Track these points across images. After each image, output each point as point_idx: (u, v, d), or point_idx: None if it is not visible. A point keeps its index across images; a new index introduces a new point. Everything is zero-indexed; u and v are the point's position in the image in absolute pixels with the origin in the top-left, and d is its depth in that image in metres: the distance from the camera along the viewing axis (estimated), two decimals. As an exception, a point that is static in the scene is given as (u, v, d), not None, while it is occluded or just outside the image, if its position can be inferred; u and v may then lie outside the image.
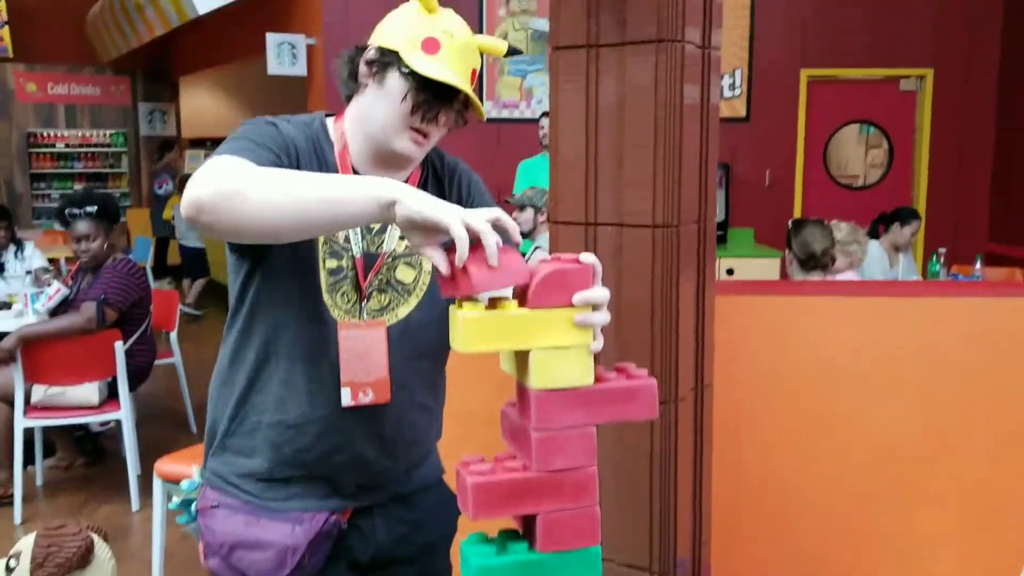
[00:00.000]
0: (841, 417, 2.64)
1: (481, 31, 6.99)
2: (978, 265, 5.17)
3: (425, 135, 1.46)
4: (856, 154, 8.35)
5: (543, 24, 6.98)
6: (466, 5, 6.93)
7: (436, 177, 1.61)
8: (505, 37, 7.00)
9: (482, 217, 1.09)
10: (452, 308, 1.11)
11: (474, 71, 1.48)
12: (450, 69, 1.42)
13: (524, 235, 4.20)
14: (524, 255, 4.14)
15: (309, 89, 7.46)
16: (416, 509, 1.61)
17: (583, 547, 1.11)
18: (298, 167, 1.42)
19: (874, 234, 5.40)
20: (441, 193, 1.59)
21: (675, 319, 2.06)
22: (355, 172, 1.49)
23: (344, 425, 1.47)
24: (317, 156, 1.48)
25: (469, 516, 1.08)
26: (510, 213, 4.24)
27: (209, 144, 11.92)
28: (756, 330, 2.63)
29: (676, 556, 2.09)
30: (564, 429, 1.08)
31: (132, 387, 4.07)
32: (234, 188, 1.20)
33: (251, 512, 1.49)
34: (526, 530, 1.13)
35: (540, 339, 1.08)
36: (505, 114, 7.09)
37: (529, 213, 4.11)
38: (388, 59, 1.43)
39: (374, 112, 1.46)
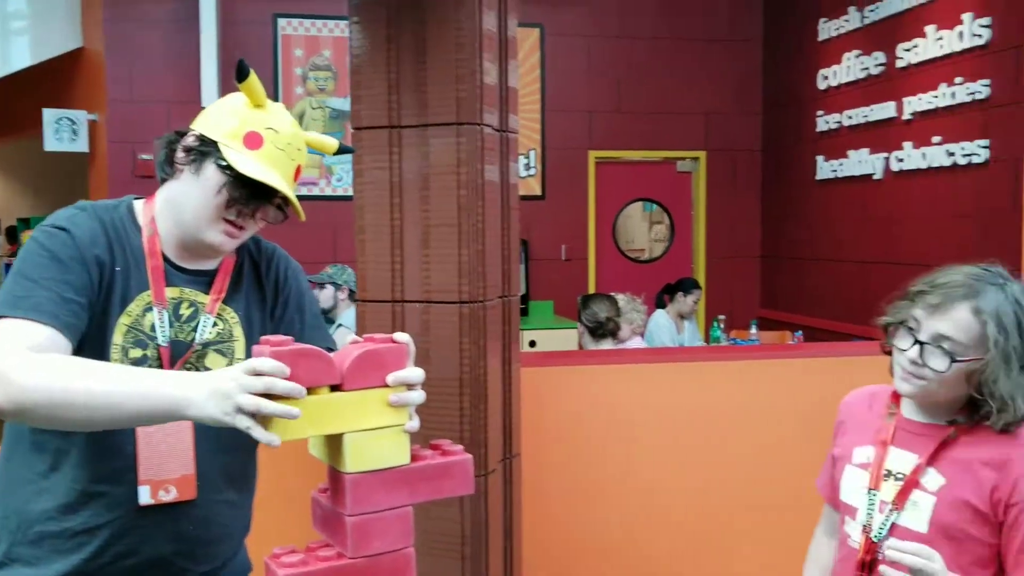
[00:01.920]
0: (643, 476, 2.76)
1: (278, 109, 6.90)
2: (754, 329, 5.61)
3: (240, 228, 1.42)
4: (641, 229, 8.90)
5: (341, 103, 7.01)
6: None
7: (252, 262, 1.56)
8: (302, 116, 6.97)
9: (254, 385, 1.03)
10: None
11: (299, 167, 1.46)
12: (270, 167, 1.38)
13: (324, 313, 4.13)
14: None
15: (91, 167, 7.06)
16: None
17: (402, 631, 1.08)
18: (99, 267, 1.36)
19: (661, 304, 5.74)
20: (258, 278, 1.55)
21: (483, 393, 2.09)
22: (164, 258, 1.43)
23: (139, 526, 1.36)
24: (121, 244, 1.40)
25: (282, 610, 1.03)
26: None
27: (-25, 225, 10.91)
28: (560, 399, 2.71)
29: (493, 632, 2.08)
30: (380, 512, 1.07)
31: None
32: (21, 405, 1.15)
33: None
34: (342, 619, 1.09)
35: (356, 422, 1.06)
36: (304, 191, 7.01)
37: (329, 291, 4.06)
38: (207, 148, 1.39)
39: (188, 200, 1.41)
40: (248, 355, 1.46)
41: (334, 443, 1.08)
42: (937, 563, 1.25)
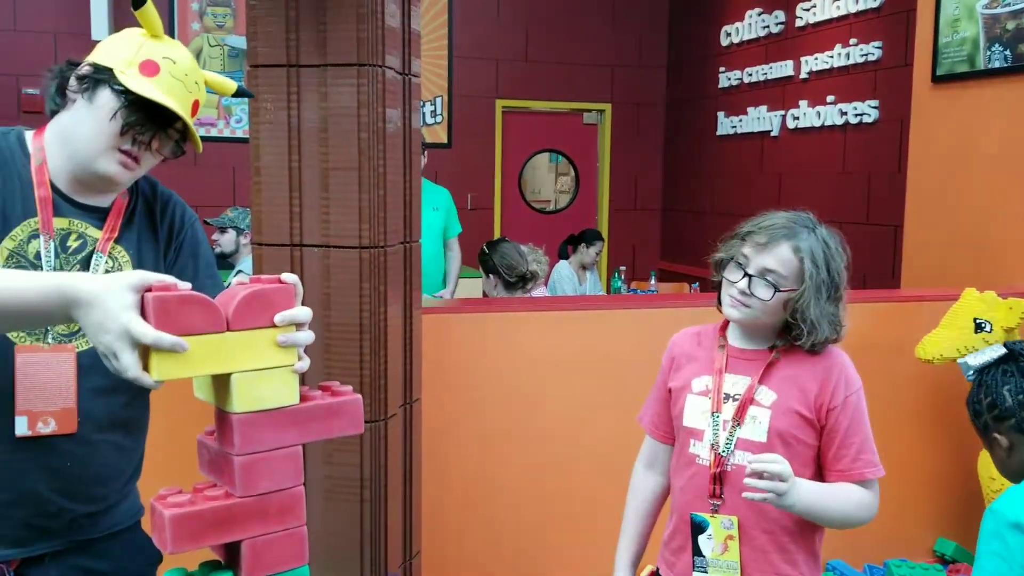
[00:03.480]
0: (543, 421, 2.82)
1: (173, 45, 6.63)
2: (653, 281, 5.75)
3: (136, 159, 1.40)
4: (547, 180, 8.95)
5: (240, 41, 6.77)
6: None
7: (147, 206, 1.54)
8: (199, 54, 6.70)
9: (140, 327, 1.00)
10: None
11: (196, 102, 1.45)
12: (168, 94, 1.37)
13: (225, 256, 4.03)
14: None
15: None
16: (103, 558, 1.48)
17: (291, 569, 1.09)
18: None
19: (564, 254, 5.81)
20: (152, 221, 1.53)
21: (383, 339, 2.09)
22: (54, 189, 1.41)
23: (12, 459, 1.34)
24: (7, 168, 1.38)
25: (167, 551, 1.02)
26: (210, 235, 4.06)
27: None
28: (462, 345, 2.73)
29: (387, 571, 2.11)
30: (268, 451, 1.06)
31: None
32: None
33: None
34: (229, 559, 1.10)
35: (242, 362, 1.05)
36: (202, 132, 6.77)
37: (231, 235, 3.96)
38: (101, 75, 1.37)
39: (80, 129, 1.38)
40: None
41: (221, 384, 1.07)
42: (785, 464, 1.48)
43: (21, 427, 1.33)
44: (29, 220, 1.38)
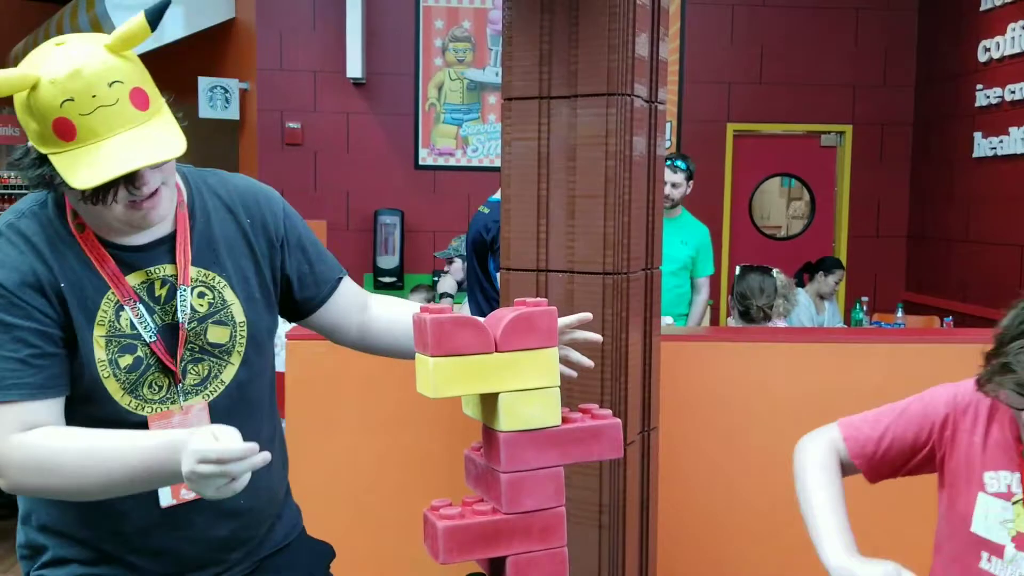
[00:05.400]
0: (777, 455, 2.70)
1: (417, 81, 7.05)
2: (900, 313, 5.38)
3: (141, 200, 1.24)
4: (778, 205, 8.62)
5: (479, 75, 7.08)
6: (403, 57, 7.00)
7: (222, 210, 1.40)
8: (441, 87, 7.08)
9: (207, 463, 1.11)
10: (418, 352, 1.12)
11: (135, 90, 1.22)
12: (101, 137, 1.17)
13: (460, 284, 4.21)
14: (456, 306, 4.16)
15: (241, 133, 7.41)
16: (283, 570, 1.51)
17: (552, 590, 1.11)
18: (46, 292, 1.25)
19: (800, 283, 5.58)
20: (238, 227, 1.41)
21: (624, 365, 2.09)
22: (109, 247, 1.30)
23: (186, 521, 1.35)
24: (58, 253, 1.27)
25: (438, 560, 1.08)
26: (441, 267, 4.25)
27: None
28: (695, 374, 2.68)
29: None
30: (533, 470, 1.10)
31: None
32: (37, 486, 1.22)
33: None
34: (493, 574, 1.13)
35: (509, 381, 1.09)
36: (441, 161, 7.14)
37: (458, 264, 4.13)
38: (45, 169, 1.21)
39: (81, 211, 1.27)
40: (248, 317, 1.38)
41: (488, 402, 1.12)
42: None
43: (165, 498, 1.32)
44: (107, 293, 1.27)
